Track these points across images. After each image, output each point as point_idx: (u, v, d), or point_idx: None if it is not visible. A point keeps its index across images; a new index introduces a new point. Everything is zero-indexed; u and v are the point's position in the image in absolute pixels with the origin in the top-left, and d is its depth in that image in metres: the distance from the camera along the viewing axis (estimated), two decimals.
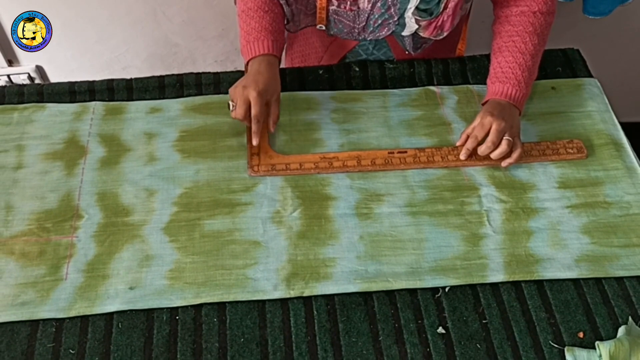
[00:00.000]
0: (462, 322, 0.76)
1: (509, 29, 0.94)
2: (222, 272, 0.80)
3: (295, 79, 1.04)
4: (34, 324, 0.75)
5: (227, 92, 1.00)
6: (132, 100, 1.00)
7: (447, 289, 0.79)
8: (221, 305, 0.77)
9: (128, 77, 1.03)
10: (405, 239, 0.83)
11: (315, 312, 0.77)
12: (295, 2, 0.96)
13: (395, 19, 0.95)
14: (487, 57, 1.07)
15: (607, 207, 0.87)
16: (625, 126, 0.99)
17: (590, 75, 1.06)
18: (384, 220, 0.85)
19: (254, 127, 0.87)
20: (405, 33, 0.97)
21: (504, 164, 0.89)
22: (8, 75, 1.57)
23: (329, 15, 0.97)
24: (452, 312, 0.77)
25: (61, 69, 1.61)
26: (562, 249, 0.82)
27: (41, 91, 1.01)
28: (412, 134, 0.96)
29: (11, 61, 1.56)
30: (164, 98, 1.00)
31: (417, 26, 0.95)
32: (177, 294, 0.77)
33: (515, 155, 0.88)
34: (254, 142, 0.88)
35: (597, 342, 0.73)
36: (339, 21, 0.98)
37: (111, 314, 0.76)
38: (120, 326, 0.75)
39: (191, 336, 0.75)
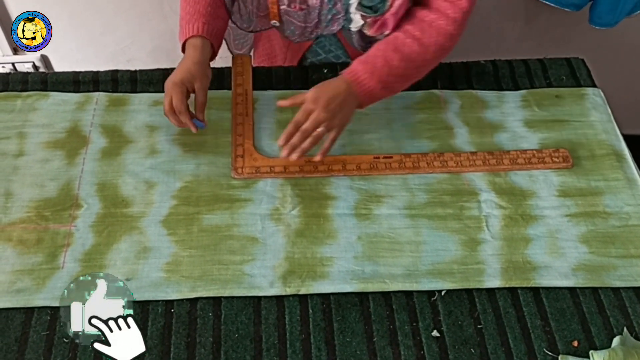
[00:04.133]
0: (457, 326, 0.76)
1: (403, 25, 0.89)
2: (218, 267, 0.80)
3: (299, 78, 1.04)
4: (29, 311, 0.75)
5: (230, 88, 1.00)
6: (136, 92, 1.00)
7: (443, 293, 0.79)
8: (217, 300, 0.77)
9: (133, 68, 1.03)
10: (403, 241, 0.83)
11: (310, 311, 0.77)
12: (244, 1, 0.95)
13: (343, 14, 0.92)
14: (492, 63, 1.07)
15: (606, 217, 0.87)
16: (628, 139, 0.99)
17: (595, 85, 1.06)
18: (383, 221, 0.85)
19: (174, 120, 0.86)
20: (352, 28, 0.94)
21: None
22: (13, 64, 1.57)
23: (281, 15, 0.96)
24: (447, 315, 0.77)
25: (66, 59, 1.61)
26: (559, 257, 0.82)
27: (45, 80, 1.01)
28: (415, 137, 0.96)
29: (17, 49, 1.56)
30: None
31: (362, 22, 0.91)
32: (173, 287, 0.77)
33: (321, 150, 0.85)
34: (193, 130, 0.87)
35: (591, 351, 0.73)
36: (290, 22, 0.97)
37: None
38: None
39: (185, 330, 0.75)
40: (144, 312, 0.76)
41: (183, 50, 0.90)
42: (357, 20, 0.92)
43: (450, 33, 0.87)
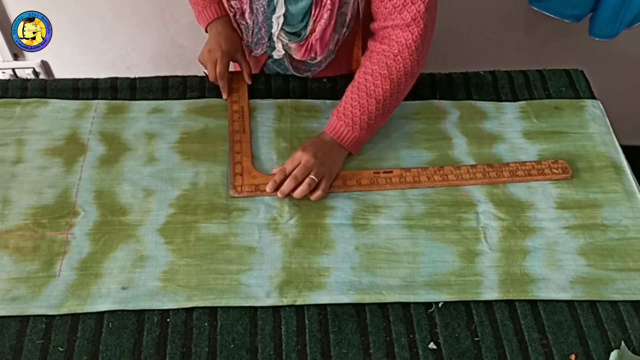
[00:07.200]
0: (454, 338, 0.76)
1: (367, 65, 0.90)
2: (215, 276, 0.79)
3: (298, 88, 1.04)
4: (24, 319, 0.75)
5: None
6: (135, 99, 1.00)
7: (440, 305, 0.78)
8: (213, 310, 0.77)
9: (132, 76, 1.03)
10: (400, 252, 0.83)
11: (306, 322, 0.76)
12: None
13: (266, 39, 0.96)
14: (492, 74, 1.07)
15: (604, 229, 0.87)
16: (626, 149, 0.99)
17: (594, 97, 1.06)
18: (380, 232, 0.85)
19: (220, 84, 0.98)
20: (275, 55, 0.98)
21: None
22: (13, 70, 1.57)
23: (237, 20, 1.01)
24: (444, 328, 0.77)
25: (66, 64, 1.61)
26: (557, 270, 0.82)
27: (44, 86, 1.01)
28: (413, 147, 0.96)
29: (17, 55, 1.56)
30: (166, 99, 1.01)
31: (282, 52, 0.96)
32: (169, 296, 0.77)
33: (313, 195, 0.87)
34: (224, 96, 0.99)
35: None
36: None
37: (102, 313, 0.75)
38: (110, 326, 0.75)
39: (181, 339, 0.74)
40: (139, 322, 0.75)
41: (206, 30, 1.01)
42: (279, 49, 0.96)
43: (417, 59, 0.88)
